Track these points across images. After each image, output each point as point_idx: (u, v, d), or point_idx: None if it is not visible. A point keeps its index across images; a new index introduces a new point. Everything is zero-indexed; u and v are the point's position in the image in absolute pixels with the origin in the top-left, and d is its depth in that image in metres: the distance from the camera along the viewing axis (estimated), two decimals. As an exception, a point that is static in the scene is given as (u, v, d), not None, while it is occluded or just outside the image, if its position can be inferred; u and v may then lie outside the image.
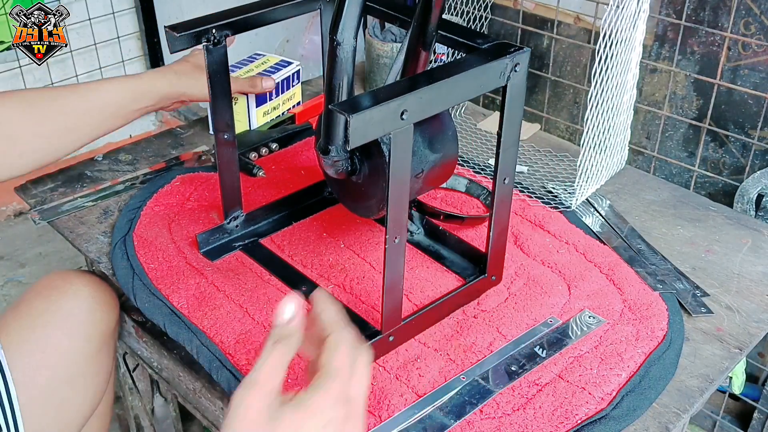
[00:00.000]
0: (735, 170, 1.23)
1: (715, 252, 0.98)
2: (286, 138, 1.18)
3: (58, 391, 0.91)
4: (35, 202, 1.06)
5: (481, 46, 0.77)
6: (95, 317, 0.93)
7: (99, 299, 0.94)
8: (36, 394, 0.89)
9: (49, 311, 0.92)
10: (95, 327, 0.93)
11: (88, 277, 0.97)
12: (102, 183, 1.10)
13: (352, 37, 0.76)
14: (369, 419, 0.73)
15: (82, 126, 0.98)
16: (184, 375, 0.91)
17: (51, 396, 0.90)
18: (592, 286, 0.90)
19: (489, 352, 0.81)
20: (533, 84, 1.45)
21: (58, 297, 0.93)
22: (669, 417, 0.75)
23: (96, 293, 0.94)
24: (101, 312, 0.94)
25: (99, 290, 0.95)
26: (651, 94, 1.31)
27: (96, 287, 0.95)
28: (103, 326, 0.94)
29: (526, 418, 0.73)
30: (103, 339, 0.95)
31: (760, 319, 0.87)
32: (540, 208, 1.03)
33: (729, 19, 1.15)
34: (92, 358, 0.94)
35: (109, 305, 0.96)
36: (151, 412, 1.16)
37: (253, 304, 0.86)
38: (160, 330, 0.86)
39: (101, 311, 0.94)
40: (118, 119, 1.01)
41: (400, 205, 0.71)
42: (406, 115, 0.66)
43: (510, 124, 0.78)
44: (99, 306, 0.94)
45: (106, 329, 0.95)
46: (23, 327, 0.91)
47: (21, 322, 0.91)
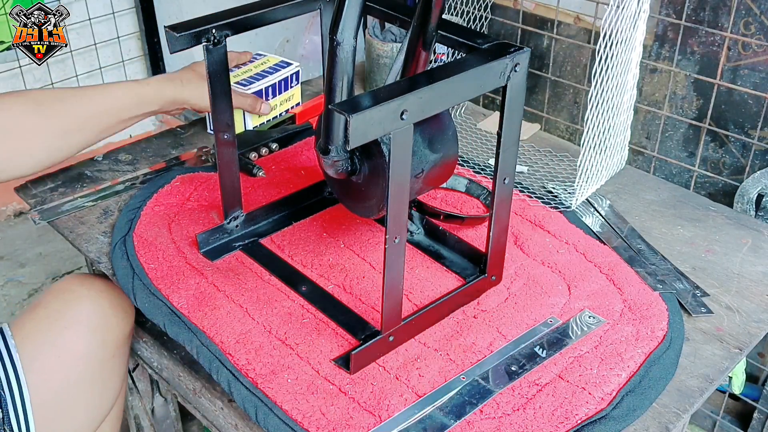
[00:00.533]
0: (735, 170, 1.23)
1: (715, 252, 0.98)
2: (286, 138, 1.18)
3: (71, 394, 0.91)
4: (35, 202, 1.06)
5: (481, 46, 0.77)
6: (111, 322, 0.94)
7: (115, 304, 0.95)
8: (49, 397, 0.89)
9: (65, 314, 0.92)
10: (110, 332, 0.93)
11: (105, 281, 0.97)
12: (102, 183, 1.10)
13: (352, 37, 0.76)
14: (369, 419, 0.73)
15: (90, 127, 0.98)
16: (184, 375, 0.91)
17: (64, 399, 0.90)
18: (592, 286, 0.90)
19: (489, 352, 0.81)
20: (533, 84, 1.45)
21: (75, 301, 0.93)
22: (669, 417, 0.75)
23: (112, 298, 0.95)
24: (117, 317, 0.94)
25: (115, 295, 0.95)
26: (651, 94, 1.31)
27: (112, 292, 0.95)
28: (118, 331, 0.94)
29: (526, 418, 0.73)
30: (118, 344, 0.95)
31: (760, 319, 0.87)
32: (540, 208, 1.03)
33: (729, 19, 1.15)
34: (106, 363, 0.94)
35: (124, 310, 0.96)
36: (151, 412, 1.16)
37: (253, 304, 0.86)
38: (160, 330, 0.86)
39: (117, 316, 0.94)
40: (124, 122, 1.02)
41: (400, 205, 0.71)
42: (406, 115, 0.66)
43: (510, 124, 0.78)
44: (115, 311, 0.94)
45: (120, 334, 0.95)
46: (39, 329, 0.91)
47: (37, 324, 0.91)
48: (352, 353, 0.77)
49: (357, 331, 0.82)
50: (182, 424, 1.22)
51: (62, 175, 1.12)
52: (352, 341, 0.81)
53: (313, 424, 0.72)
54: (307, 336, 0.82)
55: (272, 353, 0.80)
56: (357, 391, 0.76)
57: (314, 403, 0.74)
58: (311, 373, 0.78)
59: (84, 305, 0.93)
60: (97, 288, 0.95)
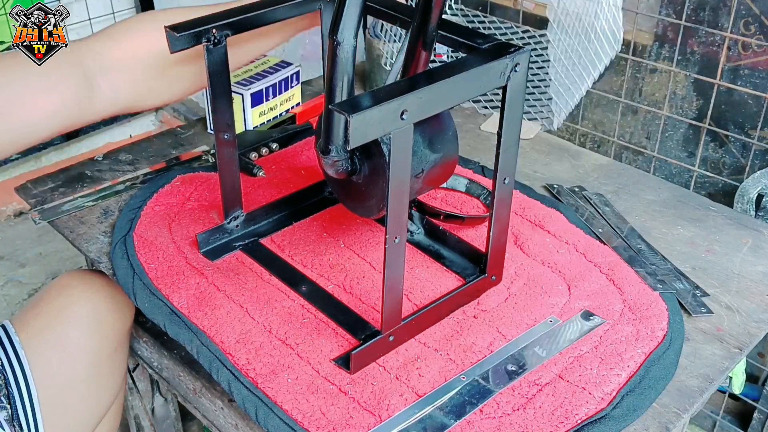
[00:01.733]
0: (735, 170, 1.23)
1: (715, 252, 0.98)
2: (286, 138, 1.18)
3: (76, 389, 0.91)
4: (35, 202, 1.06)
5: (481, 46, 0.77)
6: (113, 317, 0.94)
7: (117, 299, 0.95)
8: (55, 393, 0.89)
9: (68, 310, 0.92)
10: (112, 326, 0.94)
11: (104, 277, 0.97)
12: (102, 183, 1.10)
13: (352, 37, 0.76)
14: (369, 419, 0.73)
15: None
16: (184, 375, 0.91)
17: (70, 394, 0.91)
18: (592, 286, 0.90)
19: (489, 352, 0.81)
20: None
21: (77, 296, 0.93)
22: (669, 417, 0.75)
23: (113, 294, 0.95)
24: (117, 312, 0.95)
25: (115, 291, 0.96)
26: (651, 94, 1.31)
27: (112, 288, 0.96)
28: (119, 326, 0.95)
29: (526, 418, 0.73)
30: (119, 339, 0.95)
31: (760, 319, 0.87)
32: (540, 208, 1.03)
33: (729, 19, 1.16)
34: (109, 358, 0.95)
35: (125, 305, 0.96)
36: (151, 412, 1.16)
37: (253, 304, 0.86)
38: (160, 330, 0.86)
39: (118, 311, 0.95)
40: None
41: (400, 205, 0.71)
42: (406, 115, 0.66)
43: (510, 124, 0.78)
44: (116, 305, 0.95)
45: (122, 328, 0.95)
46: (42, 326, 0.91)
47: (40, 320, 0.92)
48: (352, 353, 0.77)
49: (357, 331, 0.82)
50: (182, 424, 1.22)
51: (62, 175, 1.12)
52: (352, 341, 0.81)
53: (313, 424, 0.72)
54: (308, 336, 0.82)
55: (272, 353, 0.80)
56: (357, 391, 0.76)
57: (314, 402, 0.75)
58: (311, 373, 0.78)
59: (85, 302, 0.93)
60: (97, 284, 0.95)
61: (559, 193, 1.08)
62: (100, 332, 0.93)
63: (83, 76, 0.83)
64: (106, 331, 0.94)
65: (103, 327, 0.93)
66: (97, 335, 0.93)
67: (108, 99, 0.85)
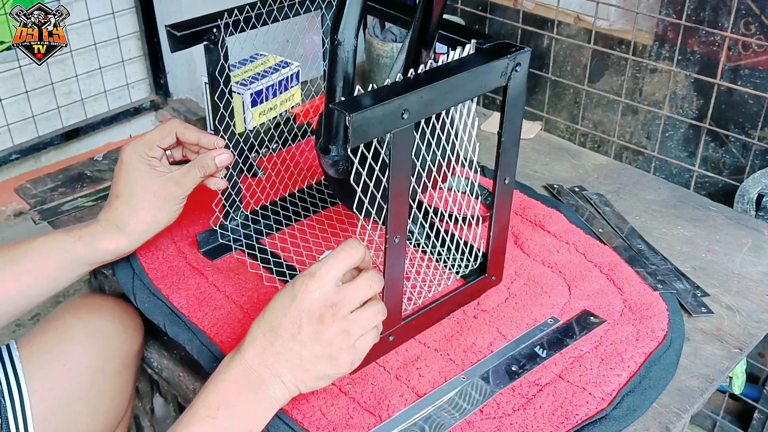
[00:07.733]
0: (735, 170, 1.23)
1: (716, 252, 0.98)
2: (286, 138, 1.18)
3: (73, 405, 0.90)
4: (35, 202, 1.06)
5: (481, 46, 0.77)
6: (120, 338, 0.92)
7: (126, 321, 0.94)
8: (51, 406, 0.88)
9: (75, 326, 0.91)
10: (119, 347, 0.92)
11: (116, 300, 0.96)
12: (102, 183, 1.10)
13: (352, 37, 0.76)
14: (369, 419, 0.73)
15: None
16: (184, 375, 0.91)
17: (66, 410, 0.89)
18: (593, 286, 0.90)
19: (489, 352, 0.81)
20: (533, 84, 1.45)
21: (86, 313, 0.92)
22: (669, 417, 0.75)
23: (123, 316, 0.94)
24: (126, 334, 0.93)
25: (127, 313, 0.94)
26: (651, 94, 1.31)
27: (122, 309, 0.94)
28: (127, 347, 0.93)
29: (526, 418, 0.73)
30: (125, 361, 0.94)
31: (760, 319, 0.87)
32: (540, 208, 1.03)
33: (729, 19, 1.16)
34: (112, 379, 0.93)
35: (135, 329, 0.95)
36: (151, 412, 1.16)
37: (253, 305, 0.86)
38: (160, 330, 0.86)
39: (126, 333, 0.93)
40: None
41: (400, 205, 0.71)
42: (407, 115, 0.66)
43: (510, 124, 0.78)
44: (125, 328, 0.93)
45: (129, 351, 0.94)
46: (47, 339, 0.90)
47: (45, 335, 0.90)
48: (353, 353, 0.77)
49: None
50: (182, 424, 1.22)
51: (62, 175, 1.12)
52: (352, 341, 0.81)
53: (313, 424, 0.72)
54: (308, 336, 0.82)
55: (272, 353, 0.80)
56: (357, 391, 0.76)
57: (314, 403, 0.74)
58: (311, 373, 0.78)
59: (93, 319, 0.92)
60: (106, 305, 0.94)
61: (560, 193, 1.08)
62: (106, 351, 0.91)
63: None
64: (112, 350, 0.92)
65: (110, 346, 0.92)
66: (103, 353, 0.91)
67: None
